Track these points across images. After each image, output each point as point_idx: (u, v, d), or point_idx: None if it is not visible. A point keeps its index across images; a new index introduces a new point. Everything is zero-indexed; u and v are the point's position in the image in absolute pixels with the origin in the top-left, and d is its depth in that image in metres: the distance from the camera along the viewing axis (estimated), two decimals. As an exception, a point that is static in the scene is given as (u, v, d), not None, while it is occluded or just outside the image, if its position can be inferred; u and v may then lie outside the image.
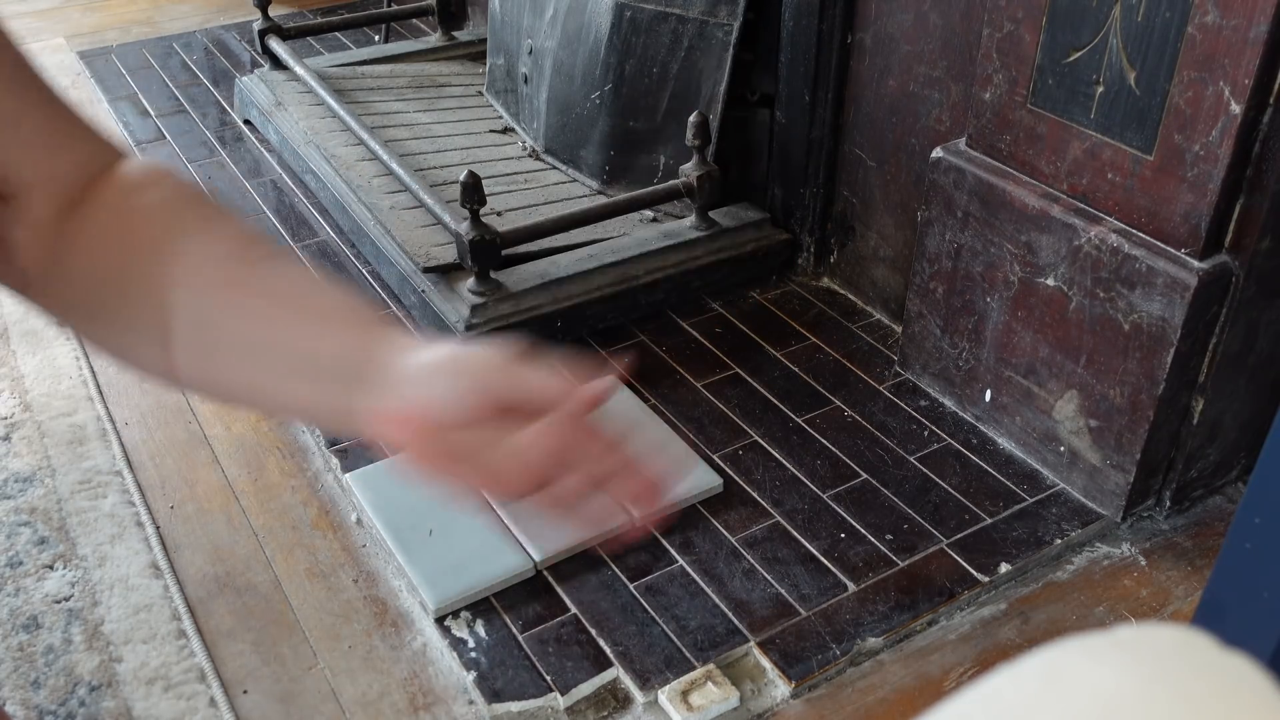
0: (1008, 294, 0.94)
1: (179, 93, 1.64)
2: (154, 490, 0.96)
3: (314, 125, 1.38)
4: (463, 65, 1.58)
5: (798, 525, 0.92)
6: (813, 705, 0.79)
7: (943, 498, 0.95)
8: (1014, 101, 0.89)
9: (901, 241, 1.12)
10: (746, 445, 1.00)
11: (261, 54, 1.53)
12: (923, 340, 1.05)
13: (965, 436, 1.01)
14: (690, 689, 0.78)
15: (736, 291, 1.20)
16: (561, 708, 0.78)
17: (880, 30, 1.06)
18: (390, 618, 0.85)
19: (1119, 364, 0.87)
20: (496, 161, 1.32)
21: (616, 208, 1.14)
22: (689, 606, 0.85)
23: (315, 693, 0.79)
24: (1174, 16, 0.76)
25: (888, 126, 1.09)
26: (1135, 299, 0.84)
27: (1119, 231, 0.84)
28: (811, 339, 1.14)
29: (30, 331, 1.15)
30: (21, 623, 0.83)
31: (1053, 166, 0.88)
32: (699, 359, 1.11)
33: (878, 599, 0.85)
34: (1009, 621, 0.85)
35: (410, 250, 1.13)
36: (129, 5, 1.98)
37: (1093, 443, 0.92)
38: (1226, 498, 0.97)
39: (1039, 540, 0.90)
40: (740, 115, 1.21)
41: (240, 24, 1.87)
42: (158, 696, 0.78)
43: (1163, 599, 0.87)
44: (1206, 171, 0.77)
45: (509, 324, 1.06)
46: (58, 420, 1.03)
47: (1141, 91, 0.80)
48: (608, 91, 1.21)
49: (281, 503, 0.95)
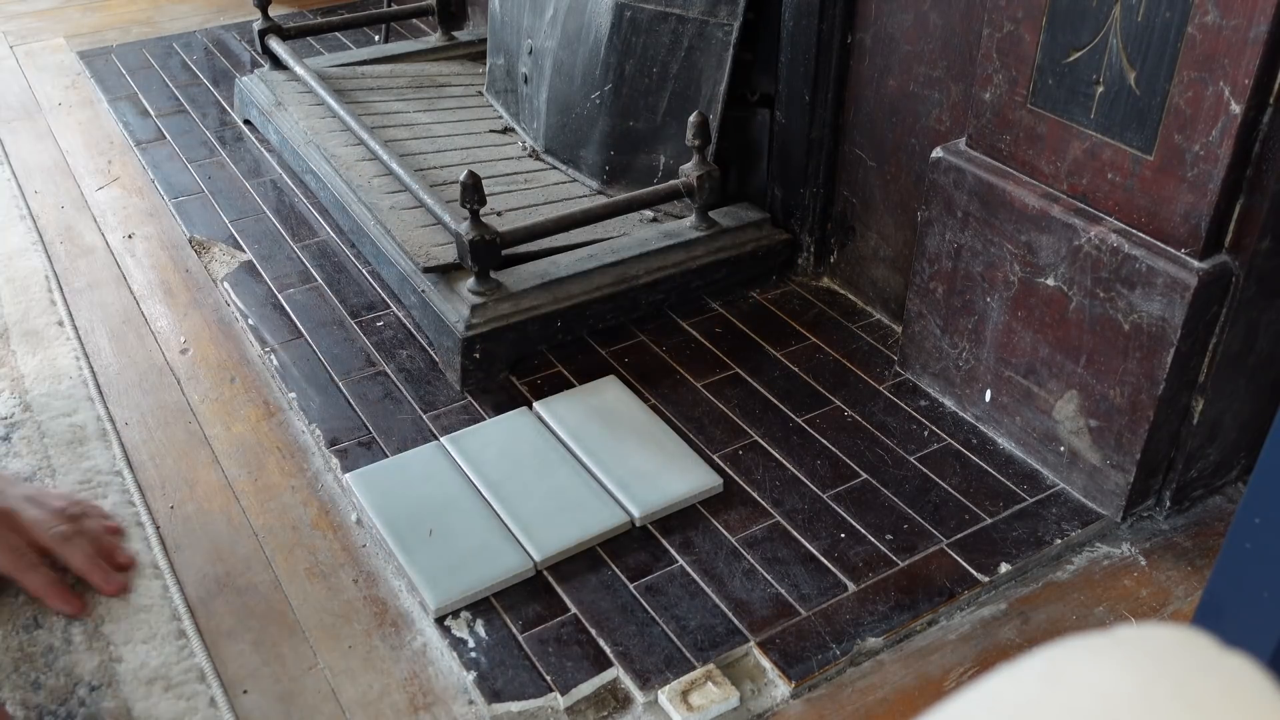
0: (1008, 294, 0.94)
1: (179, 93, 1.65)
2: (154, 490, 0.96)
3: (314, 125, 1.38)
4: (463, 65, 1.58)
5: (798, 525, 0.92)
6: (813, 705, 0.79)
7: (943, 498, 0.95)
8: (1014, 101, 0.89)
9: (901, 241, 1.12)
10: (746, 445, 1.00)
11: (261, 54, 1.53)
12: (923, 340, 1.05)
13: (965, 436, 1.01)
14: (690, 689, 0.78)
15: (736, 291, 1.20)
16: (561, 708, 0.78)
17: (880, 30, 1.06)
18: (390, 618, 0.85)
19: (1119, 364, 0.87)
20: (496, 161, 1.32)
21: (616, 208, 1.14)
22: (689, 606, 0.85)
23: (315, 693, 0.79)
24: (1174, 16, 0.76)
25: (888, 126, 1.09)
26: (1135, 299, 0.84)
27: (1119, 231, 0.84)
28: (811, 339, 1.14)
29: (30, 331, 1.15)
30: (22, 623, 0.83)
31: (1053, 166, 0.88)
32: (699, 359, 1.11)
33: (878, 599, 0.85)
34: (1009, 621, 0.85)
35: (410, 250, 1.13)
36: (129, 5, 1.98)
37: (1093, 443, 0.92)
38: (1226, 498, 0.97)
39: (1039, 540, 0.90)
40: (740, 115, 1.21)
41: (240, 24, 1.87)
42: (158, 696, 0.78)
43: (1163, 599, 0.87)
44: (1206, 171, 0.77)
45: (509, 324, 1.06)
46: (58, 420, 1.03)
47: (1141, 91, 0.80)
48: (608, 91, 1.21)
49: (281, 503, 0.95)
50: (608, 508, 0.92)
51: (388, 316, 1.17)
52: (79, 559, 0.82)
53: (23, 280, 1.24)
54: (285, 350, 1.12)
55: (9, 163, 1.47)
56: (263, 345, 1.13)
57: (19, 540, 0.80)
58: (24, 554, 0.80)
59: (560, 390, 1.06)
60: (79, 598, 0.82)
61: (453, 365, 1.07)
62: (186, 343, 1.15)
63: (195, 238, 1.31)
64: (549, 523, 0.90)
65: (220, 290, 1.22)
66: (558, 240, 1.13)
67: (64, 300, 1.21)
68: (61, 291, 1.22)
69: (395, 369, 1.09)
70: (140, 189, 1.42)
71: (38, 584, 0.81)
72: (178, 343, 1.14)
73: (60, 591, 0.81)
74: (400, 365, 1.10)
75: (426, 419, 1.03)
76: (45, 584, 0.81)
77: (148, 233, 1.33)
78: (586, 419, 1.01)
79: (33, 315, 1.18)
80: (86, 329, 1.16)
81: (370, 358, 1.11)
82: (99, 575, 0.83)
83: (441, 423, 1.03)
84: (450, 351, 1.06)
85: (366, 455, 0.99)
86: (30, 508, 0.82)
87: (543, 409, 1.03)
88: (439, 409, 1.04)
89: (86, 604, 0.82)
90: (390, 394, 1.06)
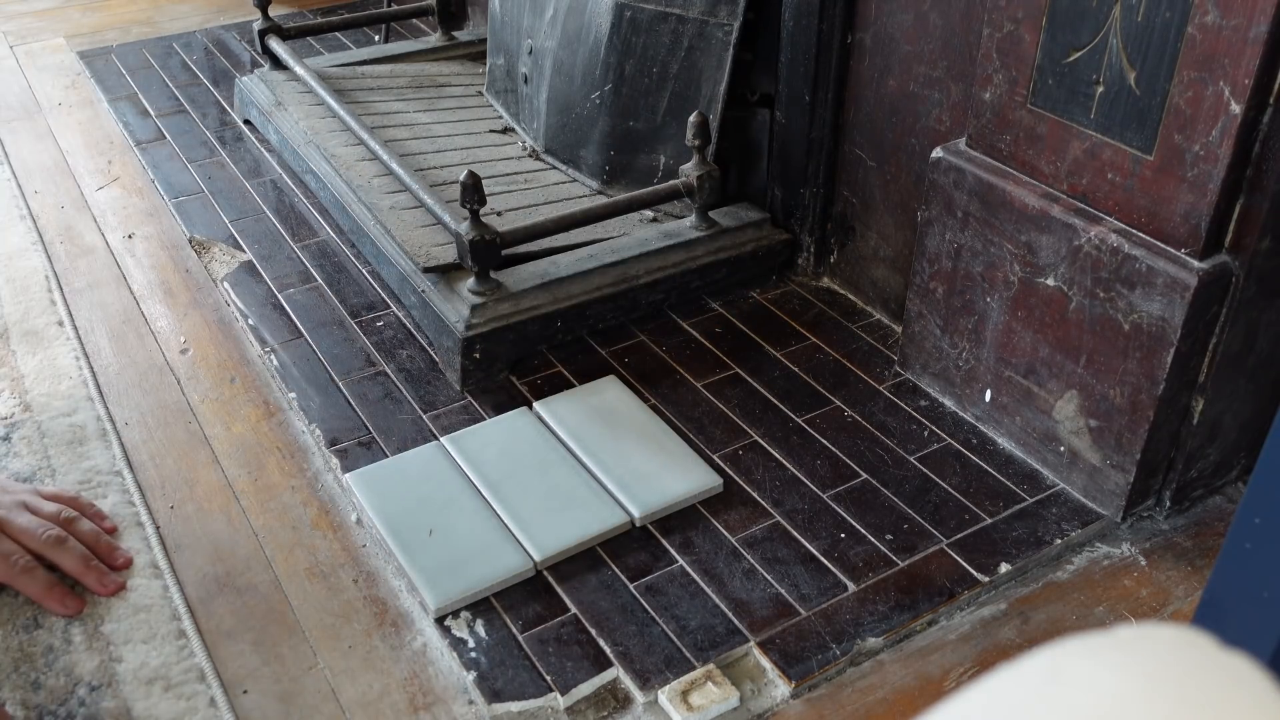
0: (1008, 294, 0.94)
1: (179, 93, 1.65)
2: (154, 490, 0.96)
3: (314, 125, 1.38)
4: (463, 65, 1.58)
5: (798, 525, 0.92)
6: (813, 705, 0.79)
7: (943, 498, 0.95)
8: (1014, 101, 0.89)
9: (901, 241, 1.12)
10: (746, 445, 1.00)
11: (261, 54, 1.53)
12: (923, 340, 1.05)
13: (965, 436, 1.01)
14: (690, 689, 0.78)
15: (736, 291, 1.20)
16: (561, 708, 0.78)
17: (880, 30, 1.06)
18: (390, 618, 0.85)
19: (1119, 364, 0.87)
20: (496, 161, 1.32)
21: (616, 208, 1.14)
22: (689, 606, 0.85)
23: (315, 693, 0.79)
24: (1174, 16, 0.76)
25: (888, 126, 1.09)
26: (1135, 299, 0.84)
27: (1119, 231, 0.84)
28: (811, 339, 1.14)
29: (30, 331, 1.16)
30: (22, 623, 0.83)
31: (1053, 166, 0.88)
32: (699, 359, 1.11)
33: (878, 599, 0.85)
34: (1009, 621, 0.85)
35: (410, 250, 1.13)
36: (129, 5, 1.98)
37: (1093, 443, 0.92)
38: (1226, 498, 0.97)
39: (1039, 540, 0.90)
40: (740, 115, 1.21)
41: (240, 24, 1.87)
42: (158, 696, 0.78)
43: (1163, 599, 0.87)
44: (1206, 171, 0.77)
45: (509, 324, 1.06)
46: (58, 420, 1.03)
47: (1141, 91, 0.80)
48: (608, 91, 1.21)
49: (281, 503, 0.95)
50: (608, 508, 0.92)
51: (388, 316, 1.17)
52: (71, 562, 0.83)
53: (23, 280, 1.24)
54: (285, 350, 1.12)
55: (9, 163, 1.47)
56: (263, 345, 1.13)
57: (12, 546, 0.81)
58: (18, 560, 0.81)
59: (560, 390, 1.06)
60: (79, 598, 0.83)
61: (453, 365, 1.07)
62: (186, 343, 1.15)
63: (195, 238, 1.31)
64: (549, 523, 0.90)
65: (220, 290, 1.22)
66: (558, 240, 1.13)
67: (64, 300, 1.21)
68: (61, 291, 1.22)
69: (395, 369, 1.09)
70: (140, 189, 1.42)
71: (35, 588, 0.81)
72: (178, 343, 1.14)
73: (59, 593, 0.82)
74: (400, 365, 1.10)
75: (426, 419, 1.03)
76: (43, 588, 0.82)
77: (148, 233, 1.33)
78: (586, 419, 1.01)
79: (33, 315, 1.18)
80: (86, 329, 1.16)
81: (370, 358, 1.11)
82: (93, 577, 0.83)
83: (441, 423, 1.03)
84: (450, 351, 1.06)
85: (366, 455, 0.99)
86: (20, 515, 0.83)
87: (543, 409, 1.03)
88: (439, 409, 1.04)
89: (85, 603, 0.83)
90: (390, 394, 1.06)
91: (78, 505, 0.88)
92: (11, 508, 0.83)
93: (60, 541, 0.83)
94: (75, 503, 0.88)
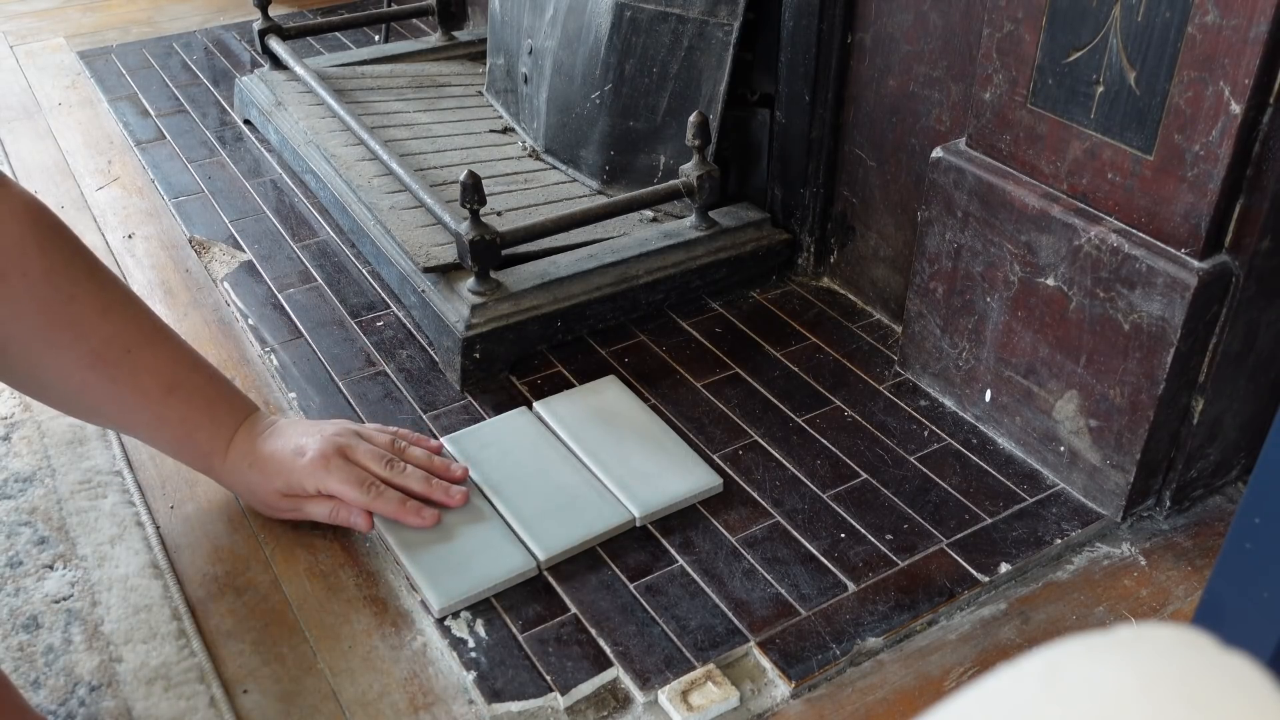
0: (1008, 294, 0.94)
1: (179, 93, 1.65)
2: (154, 490, 0.96)
3: (314, 125, 1.38)
4: (463, 65, 1.58)
5: (798, 525, 0.92)
6: (813, 705, 0.79)
7: (943, 498, 0.95)
8: (1014, 101, 0.89)
9: (901, 241, 1.12)
10: (746, 445, 1.00)
11: (261, 54, 1.53)
12: (923, 340, 1.05)
13: (965, 436, 1.01)
14: (690, 689, 0.78)
15: (736, 291, 1.20)
16: (561, 708, 0.78)
17: (880, 30, 1.06)
18: (390, 618, 0.85)
19: (1119, 364, 0.87)
20: (496, 161, 1.32)
21: (616, 208, 1.14)
22: (689, 606, 0.85)
23: (315, 693, 0.79)
24: (1174, 16, 0.76)
25: (888, 126, 1.09)
26: (1135, 299, 0.84)
27: (1119, 231, 0.85)
28: (811, 339, 1.14)
29: (30, 331, 1.15)
30: (21, 623, 0.83)
31: (1053, 166, 0.88)
32: (699, 359, 1.11)
33: (878, 599, 0.85)
34: (1009, 621, 0.85)
35: (410, 250, 1.13)
36: (129, 5, 1.98)
37: (1093, 443, 0.92)
38: (1226, 498, 0.97)
39: (1039, 540, 0.90)
40: (740, 115, 1.21)
41: (240, 24, 1.87)
42: (158, 696, 0.78)
43: (1163, 599, 0.87)
44: (1206, 171, 0.77)
45: (509, 324, 1.06)
46: (58, 420, 1.03)
47: (1141, 91, 0.80)
48: (608, 91, 1.21)
49: (281, 503, 0.95)
50: (608, 507, 0.92)
51: (388, 316, 1.17)
52: (415, 483, 0.90)
53: (23, 280, 1.24)
54: (285, 350, 1.12)
55: (9, 163, 1.47)
56: (263, 345, 1.13)
57: (365, 473, 0.89)
58: (372, 484, 0.88)
59: (560, 390, 1.06)
60: (434, 511, 0.89)
61: (453, 365, 1.07)
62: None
63: (195, 238, 1.31)
64: (550, 522, 0.90)
65: (220, 290, 1.22)
66: (558, 240, 1.13)
67: (64, 300, 1.20)
68: (61, 291, 1.22)
69: (395, 369, 1.09)
70: (140, 189, 1.42)
71: (391, 507, 0.88)
72: (178, 343, 1.14)
73: (414, 508, 0.89)
74: (400, 365, 1.10)
75: (426, 419, 1.03)
76: (397, 505, 0.88)
77: (148, 233, 1.33)
78: (586, 419, 1.01)
79: (33, 315, 1.18)
80: (86, 329, 1.16)
81: (370, 358, 1.11)
82: (440, 493, 0.90)
83: (441, 423, 1.03)
84: (450, 351, 1.06)
85: (366, 455, 0.99)
86: (361, 443, 0.90)
87: (543, 409, 1.03)
88: (439, 409, 1.04)
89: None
90: (390, 394, 1.06)
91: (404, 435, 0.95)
92: (351, 437, 0.90)
93: (401, 466, 0.90)
94: (401, 433, 0.96)
